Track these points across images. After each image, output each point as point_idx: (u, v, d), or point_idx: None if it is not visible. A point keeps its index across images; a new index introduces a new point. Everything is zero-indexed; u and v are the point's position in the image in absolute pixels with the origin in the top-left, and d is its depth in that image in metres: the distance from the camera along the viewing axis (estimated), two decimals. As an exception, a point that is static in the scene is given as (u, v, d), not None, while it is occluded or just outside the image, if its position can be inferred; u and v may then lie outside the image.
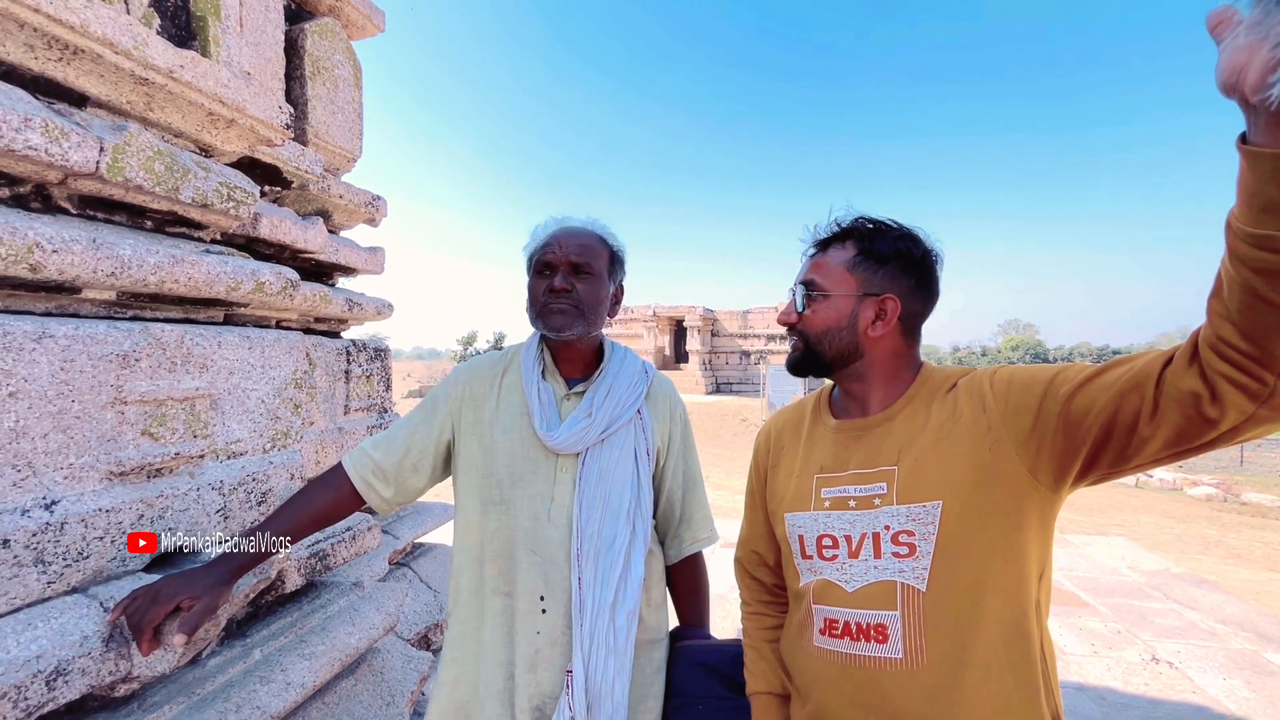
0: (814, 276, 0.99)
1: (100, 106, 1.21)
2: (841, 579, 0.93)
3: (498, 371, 1.25)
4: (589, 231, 1.22)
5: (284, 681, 1.32)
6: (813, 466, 1.01)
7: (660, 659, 1.23)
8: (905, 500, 0.88)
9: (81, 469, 1.10)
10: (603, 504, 1.14)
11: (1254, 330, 0.58)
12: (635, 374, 1.25)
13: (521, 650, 1.12)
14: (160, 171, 1.23)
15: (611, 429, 1.18)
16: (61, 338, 1.07)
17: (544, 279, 1.18)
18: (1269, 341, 0.58)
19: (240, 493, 1.40)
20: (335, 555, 1.64)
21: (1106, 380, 0.74)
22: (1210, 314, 0.62)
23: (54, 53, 1.09)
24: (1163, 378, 0.67)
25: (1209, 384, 0.63)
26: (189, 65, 1.26)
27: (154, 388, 1.20)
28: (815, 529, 0.97)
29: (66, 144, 1.06)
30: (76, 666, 0.99)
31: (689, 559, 1.33)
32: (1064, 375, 0.80)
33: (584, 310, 1.17)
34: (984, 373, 0.91)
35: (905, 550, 0.87)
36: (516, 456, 1.17)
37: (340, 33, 2.14)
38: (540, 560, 1.13)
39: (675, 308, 29.65)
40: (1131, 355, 0.74)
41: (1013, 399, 0.84)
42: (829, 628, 0.93)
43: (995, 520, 0.84)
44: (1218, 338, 0.61)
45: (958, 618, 0.83)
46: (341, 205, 2.15)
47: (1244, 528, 9.82)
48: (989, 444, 0.84)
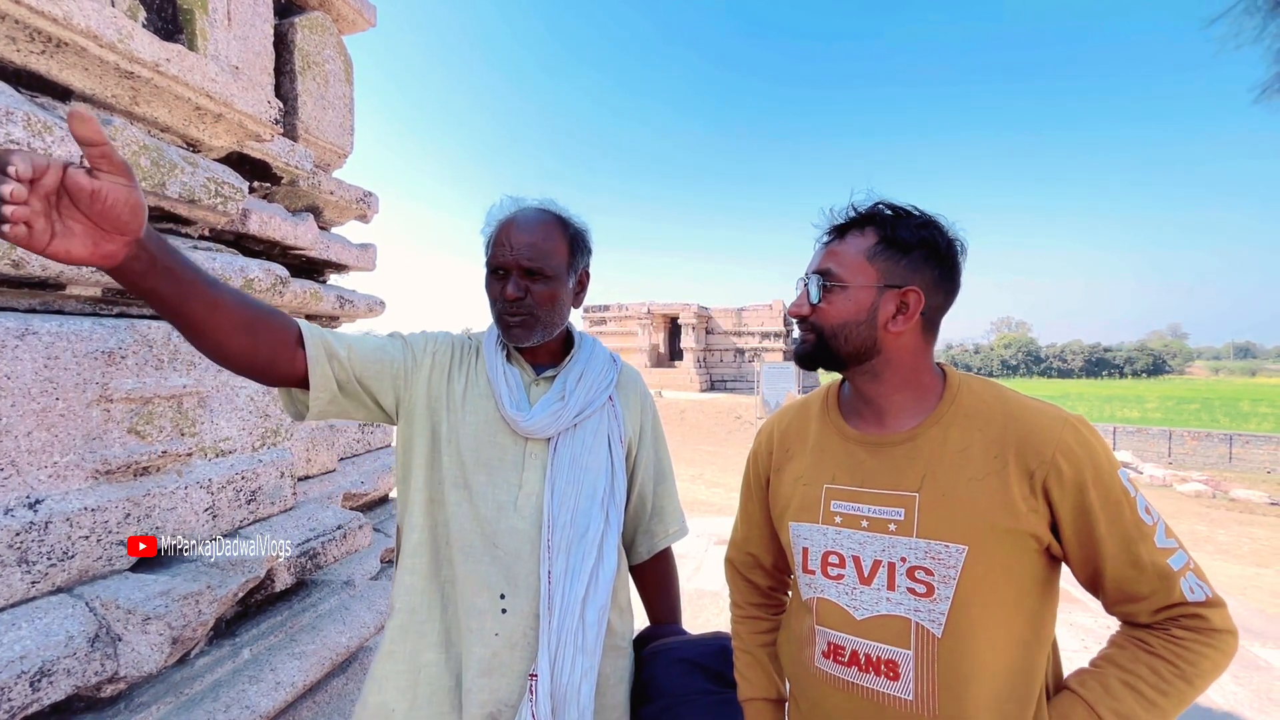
0: (830, 265, 0.91)
1: (84, 100, 1.19)
2: (850, 604, 0.88)
3: (470, 350, 1.18)
4: (544, 220, 1.12)
5: (274, 681, 1.31)
6: (822, 475, 0.95)
7: (625, 669, 1.18)
8: (926, 535, 0.83)
9: (66, 467, 1.09)
10: (576, 491, 1.09)
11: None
12: (605, 361, 1.22)
13: (475, 653, 1.03)
14: (146, 166, 1.22)
15: (585, 413, 1.13)
16: (45, 335, 1.05)
17: (498, 281, 1.10)
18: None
19: (229, 491, 1.39)
20: (326, 554, 1.63)
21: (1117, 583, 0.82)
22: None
23: (36, 45, 1.07)
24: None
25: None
26: (175, 59, 1.24)
27: (140, 385, 1.19)
28: (822, 544, 0.91)
29: (49, 138, 1.05)
30: (62, 667, 0.97)
31: (660, 555, 1.29)
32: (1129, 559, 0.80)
33: (540, 317, 1.10)
34: (1057, 438, 0.82)
35: (923, 589, 0.82)
36: (482, 440, 1.09)
37: (331, 27, 2.12)
38: (502, 554, 1.05)
39: (670, 305, 29.65)
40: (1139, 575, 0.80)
41: (1079, 506, 0.80)
42: (834, 652, 0.89)
43: (1016, 574, 0.82)
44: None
45: (972, 668, 0.80)
46: (332, 201, 2.13)
47: (1232, 523, 9.92)
48: (1029, 508, 0.80)
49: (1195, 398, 52.89)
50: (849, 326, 0.90)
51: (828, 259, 0.92)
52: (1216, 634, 0.77)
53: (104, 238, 0.70)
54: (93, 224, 0.69)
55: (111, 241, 0.71)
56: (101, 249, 0.71)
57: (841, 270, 0.91)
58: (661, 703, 1.14)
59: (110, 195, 0.68)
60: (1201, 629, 0.77)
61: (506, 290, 1.08)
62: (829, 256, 0.93)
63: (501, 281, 1.10)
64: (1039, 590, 0.84)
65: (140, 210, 0.72)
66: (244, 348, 0.91)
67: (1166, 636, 0.79)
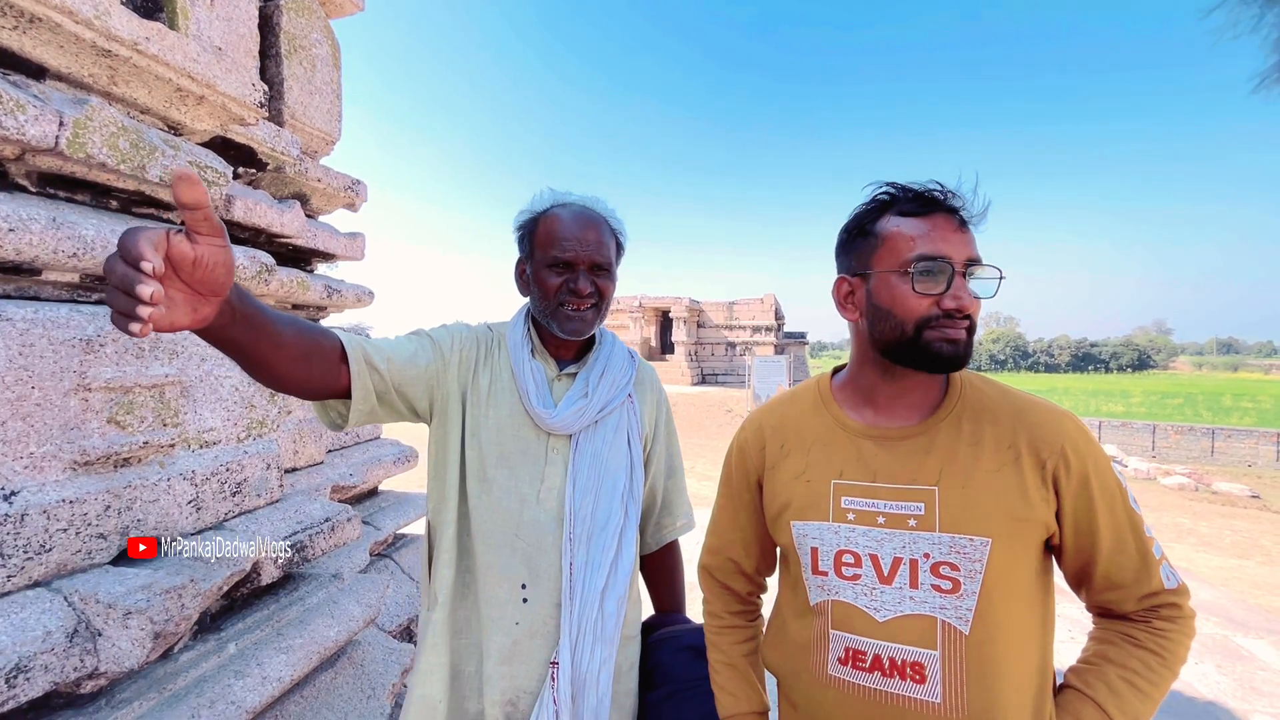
0: (981, 255, 0.83)
1: (60, 79, 1.15)
2: (870, 605, 0.84)
3: (494, 344, 1.19)
4: (600, 218, 1.15)
5: (260, 675, 1.28)
6: (829, 471, 0.90)
7: (634, 657, 1.20)
8: (950, 529, 0.80)
9: (43, 458, 1.05)
10: (597, 486, 1.11)
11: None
12: (624, 358, 1.24)
13: (496, 641, 1.07)
14: (125, 149, 1.18)
15: (607, 409, 1.15)
16: (20, 321, 1.02)
17: (560, 276, 1.11)
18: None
19: (214, 483, 1.36)
20: (313, 547, 1.61)
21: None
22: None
23: (8, 20, 1.03)
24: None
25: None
26: (155, 37, 1.20)
27: (120, 374, 1.16)
28: (835, 543, 0.87)
29: (23, 117, 1.01)
30: (39, 663, 0.95)
31: (666, 546, 1.33)
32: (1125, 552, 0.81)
33: (602, 311, 1.15)
34: (1063, 430, 0.82)
35: (949, 585, 0.80)
36: (506, 434, 1.11)
37: (318, 10, 2.07)
38: (524, 545, 1.08)
39: (661, 299, 29.62)
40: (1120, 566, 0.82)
41: (1081, 495, 0.81)
42: (853, 658, 0.84)
43: (1031, 566, 0.82)
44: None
45: (997, 665, 0.78)
46: (320, 189, 2.09)
47: (1215, 516, 10.08)
48: (1040, 497, 0.80)
49: (1179, 392, 53.61)
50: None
51: (975, 245, 0.83)
52: (1187, 620, 0.81)
53: (201, 301, 0.69)
54: (192, 290, 0.68)
55: (208, 304, 0.70)
56: (200, 312, 0.70)
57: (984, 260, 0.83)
58: (666, 689, 1.16)
59: (210, 260, 0.66)
60: (1176, 618, 0.81)
61: (579, 285, 1.10)
62: (974, 242, 0.83)
63: (564, 275, 1.11)
64: (1045, 582, 0.85)
65: (232, 270, 0.70)
66: (300, 377, 0.92)
67: (1150, 629, 0.81)
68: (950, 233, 0.82)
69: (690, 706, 1.12)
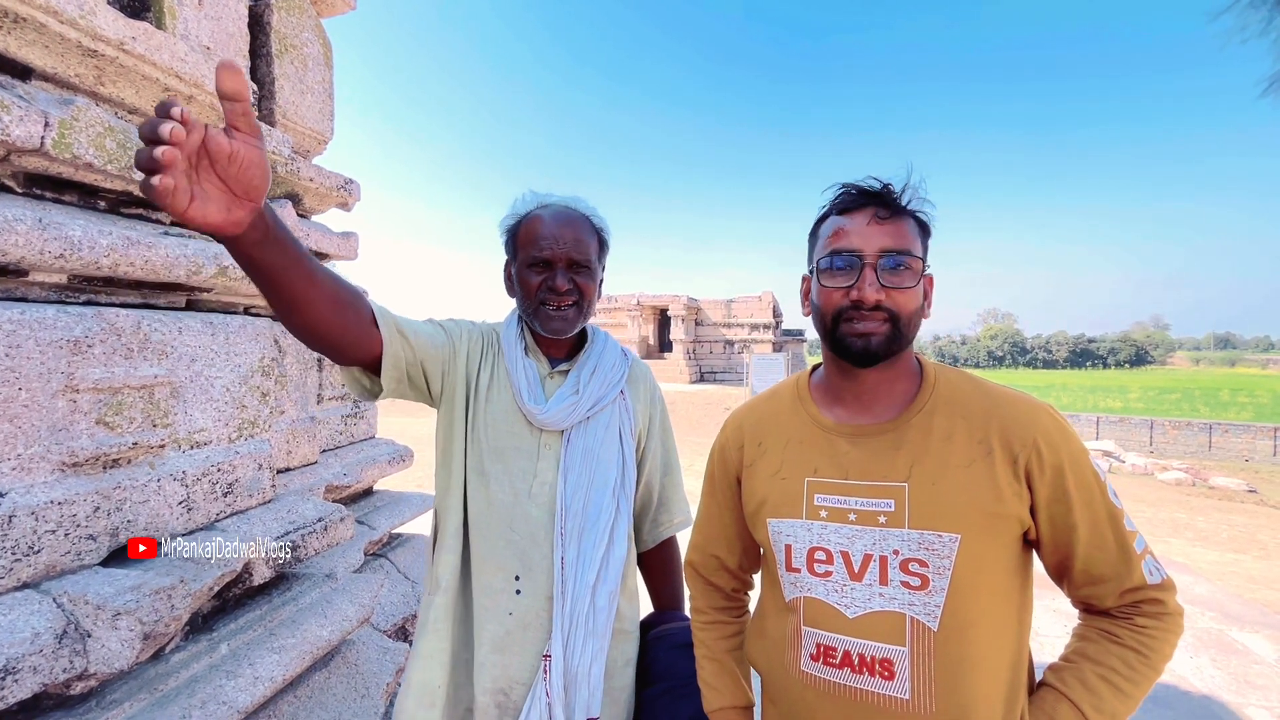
0: (907, 245, 0.83)
1: (46, 79, 1.15)
2: (840, 602, 0.84)
3: (493, 341, 1.21)
4: (581, 217, 1.16)
5: (252, 676, 1.28)
6: (803, 469, 0.90)
7: (631, 653, 1.21)
8: (919, 525, 0.81)
9: (31, 460, 1.05)
10: (588, 481, 1.13)
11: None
12: (617, 356, 1.25)
13: (489, 629, 1.08)
14: (112, 149, 1.18)
15: (598, 406, 1.17)
16: (7, 323, 1.02)
17: (540, 275, 1.12)
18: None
19: (204, 483, 1.36)
20: (306, 546, 1.61)
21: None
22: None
23: (-8, 20, 1.03)
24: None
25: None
26: (142, 37, 1.20)
27: (109, 375, 1.16)
28: (808, 540, 0.87)
29: (7, 118, 1.01)
30: (27, 664, 0.95)
31: (665, 543, 1.33)
32: (1100, 545, 0.81)
33: (584, 309, 1.15)
34: (1037, 423, 0.82)
35: (917, 582, 0.80)
36: (500, 430, 1.13)
37: (309, 9, 2.07)
38: (517, 539, 1.10)
39: (659, 297, 29.61)
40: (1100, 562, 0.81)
41: (1056, 488, 0.80)
42: (824, 654, 0.85)
43: (1004, 562, 0.81)
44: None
45: (967, 661, 0.78)
46: (312, 188, 2.08)
47: (1212, 511, 10.11)
48: (1013, 492, 0.80)
49: (1176, 388, 53.73)
50: (915, 315, 0.85)
51: (897, 237, 0.83)
52: (1172, 617, 0.80)
53: (235, 203, 0.70)
54: (227, 188, 0.68)
55: (241, 207, 0.70)
56: (234, 214, 0.70)
57: (915, 252, 0.83)
58: (663, 685, 1.17)
59: (247, 157, 0.67)
60: (1160, 614, 0.80)
61: (556, 282, 1.11)
62: (896, 234, 0.83)
63: (543, 274, 1.13)
64: (1021, 577, 0.84)
65: (268, 175, 0.71)
66: (334, 325, 0.91)
67: (1131, 626, 0.80)
68: (866, 226, 0.84)
69: (686, 703, 1.13)
